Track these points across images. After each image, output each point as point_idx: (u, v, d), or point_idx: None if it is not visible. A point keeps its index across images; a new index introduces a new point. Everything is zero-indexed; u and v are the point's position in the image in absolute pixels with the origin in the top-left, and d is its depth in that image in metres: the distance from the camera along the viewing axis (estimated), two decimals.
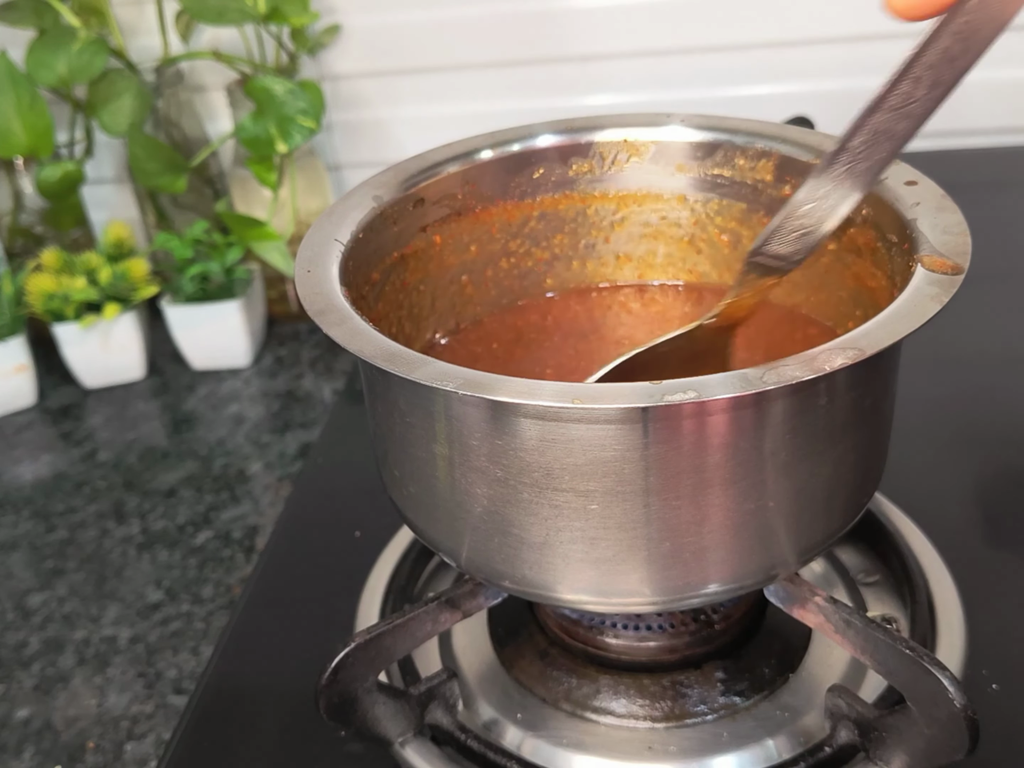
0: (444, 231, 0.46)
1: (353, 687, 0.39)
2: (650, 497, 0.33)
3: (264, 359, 0.84)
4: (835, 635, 0.39)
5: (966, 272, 0.33)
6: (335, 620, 0.50)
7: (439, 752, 0.41)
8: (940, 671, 0.35)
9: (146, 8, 0.87)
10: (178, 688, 0.53)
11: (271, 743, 0.45)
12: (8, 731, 0.52)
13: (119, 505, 0.68)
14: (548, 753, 0.42)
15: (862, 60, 0.83)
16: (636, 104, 0.89)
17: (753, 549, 0.35)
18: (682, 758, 0.41)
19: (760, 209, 0.46)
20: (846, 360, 0.30)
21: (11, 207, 0.85)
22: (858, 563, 0.50)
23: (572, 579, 0.35)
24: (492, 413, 0.32)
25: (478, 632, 0.48)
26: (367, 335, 0.33)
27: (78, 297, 0.77)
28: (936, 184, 0.39)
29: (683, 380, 0.29)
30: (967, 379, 0.64)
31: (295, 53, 0.84)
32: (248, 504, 0.67)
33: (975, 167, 0.86)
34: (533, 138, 0.47)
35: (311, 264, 0.38)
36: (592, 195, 0.49)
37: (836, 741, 0.40)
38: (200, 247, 0.80)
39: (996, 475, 0.56)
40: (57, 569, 0.63)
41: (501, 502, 0.34)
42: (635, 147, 0.47)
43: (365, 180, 0.44)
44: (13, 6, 0.79)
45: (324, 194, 0.87)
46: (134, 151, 0.79)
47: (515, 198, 0.48)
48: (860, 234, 0.41)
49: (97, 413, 0.80)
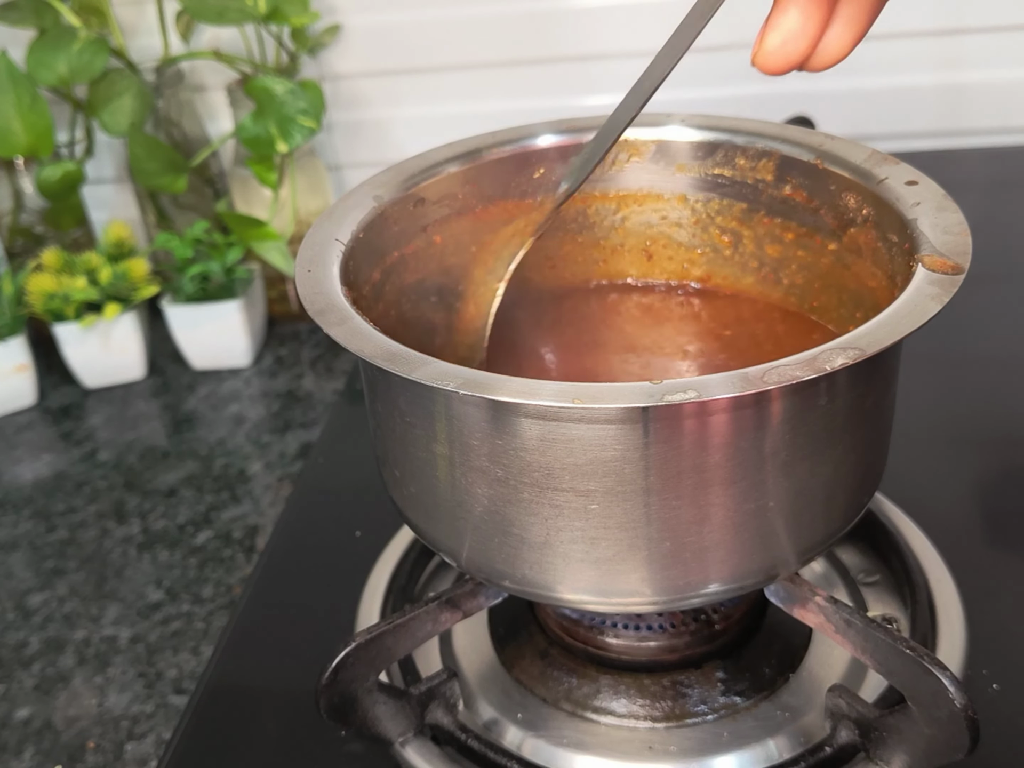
0: (445, 231, 0.46)
1: (353, 687, 0.39)
2: (650, 497, 0.33)
3: (264, 359, 0.85)
4: (835, 635, 0.39)
5: (967, 272, 0.33)
6: (335, 620, 0.50)
7: (439, 752, 0.41)
8: (940, 671, 0.35)
9: (146, 8, 0.87)
10: (178, 688, 0.53)
11: (271, 743, 0.45)
12: (8, 731, 0.52)
13: (119, 505, 0.68)
14: (548, 753, 0.42)
15: (862, 60, 0.83)
16: None
17: (753, 549, 0.35)
18: (682, 758, 0.41)
19: (761, 209, 0.46)
20: (846, 360, 0.30)
21: (11, 207, 0.85)
22: (858, 563, 0.50)
23: (572, 579, 0.35)
24: (492, 413, 0.32)
25: (478, 632, 0.48)
26: (367, 335, 0.33)
27: (78, 297, 0.78)
28: (937, 184, 0.39)
29: (684, 380, 0.29)
30: (967, 379, 0.64)
31: (295, 53, 0.84)
32: (248, 504, 0.67)
33: (975, 167, 0.86)
34: (534, 138, 0.47)
35: (311, 264, 0.38)
36: (592, 195, 0.49)
37: (836, 741, 0.40)
38: (200, 247, 0.80)
39: (996, 475, 0.56)
40: (57, 569, 0.63)
41: (501, 502, 0.34)
42: (635, 147, 0.47)
43: (365, 180, 0.44)
44: (13, 6, 0.79)
45: (324, 194, 0.87)
46: (134, 151, 0.79)
47: (516, 198, 0.48)
48: (861, 234, 0.41)
49: (97, 413, 0.80)
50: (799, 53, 0.31)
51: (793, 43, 0.31)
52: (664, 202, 0.48)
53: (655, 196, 0.48)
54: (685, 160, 0.47)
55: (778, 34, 0.31)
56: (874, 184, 0.40)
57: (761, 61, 0.31)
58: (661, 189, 0.48)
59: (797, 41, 0.31)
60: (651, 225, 0.49)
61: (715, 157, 0.46)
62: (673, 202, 0.48)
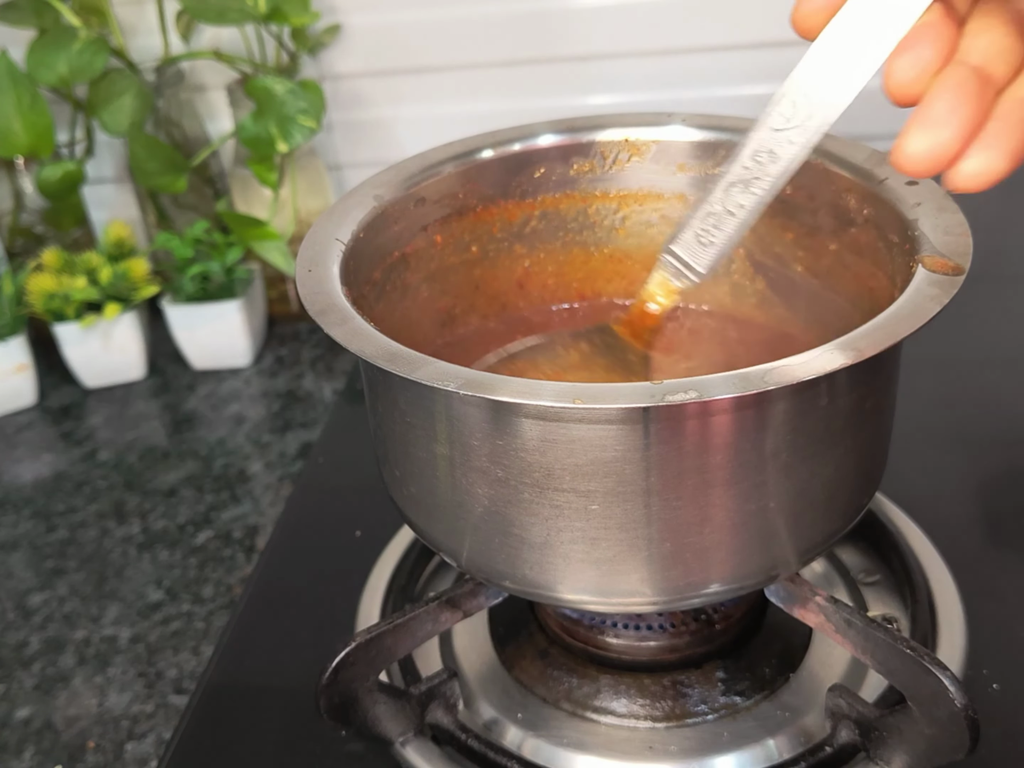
0: (445, 230, 0.46)
1: (353, 687, 0.39)
2: (651, 497, 0.33)
3: (264, 359, 0.84)
4: (836, 635, 0.39)
5: (967, 273, 0.33)
6: (335, 620, 0.50)
7: (439, 752, 0.41)
8: (941, 671, 0.35)
9: (147, 8, 0.87)
10: (178, 688, 0.53)
11: (271, 743, 0.45)
12: (8, 731, 0.52)
13: (119, 505, 0.68)
14: (549, 753, 0.42)
15: None
16: (636, 104, 0.89)
17: (754, 549, 0.35)
18: (683, 758, 0.41)
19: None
20: (847, 360, 0.30)
21: (11, 207, 0.85)
22: (859, 563, 0.50)
23: (573, 579, 0.35)
24: (493, 413, 0.32)
25: (479, 632, 0.48)
26: (368, 335, 0.33)
27: (78, 297, 0.77)
28: (937, 184, 0.39)
29: (684, 380, 0.29)
30: (967, 379, 0.64)
31: (296, 53, 0.84)
32: (248, 504, 0.67)
33: None
34: (534, 137, 0.47)
35: (312, 263, 0.38)
36: (593, 194, 0.49)
37: (837, 741, 0.40)
38: (200, 247, 0.80)
39: (996, 475, 0.56)
40: (57, 569, 0.63)
41: (502, 502, 0.34)
42: (636, 146, 0.47)
43: (366, 179, 0.44)
44: (13, 6, 0.79)
45: (325, 194, 0.87)
46: (134, 151, 0.79)
47: (516, 198, 0.48)
48: (861, 234, 0.41)
49: (97, 413, 0.80)
50: (944, 155, 0.27)
51: (937, 140, 0.27)
52: (664, 201, 0.48)
53: (655, 196, 0.48)
54: (686, 160, 0.47)
55: (921, 133, 0.27)
56: (874, 184, 0.40)
57: (901, 161, 0.28)
58: (662, 189, 0.48)
59: (943, 139, 0.27)
60: (651, 224, 0.49)
61: (716, 157, 0.46)
62: (673, 201, 0.48)
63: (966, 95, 0.27)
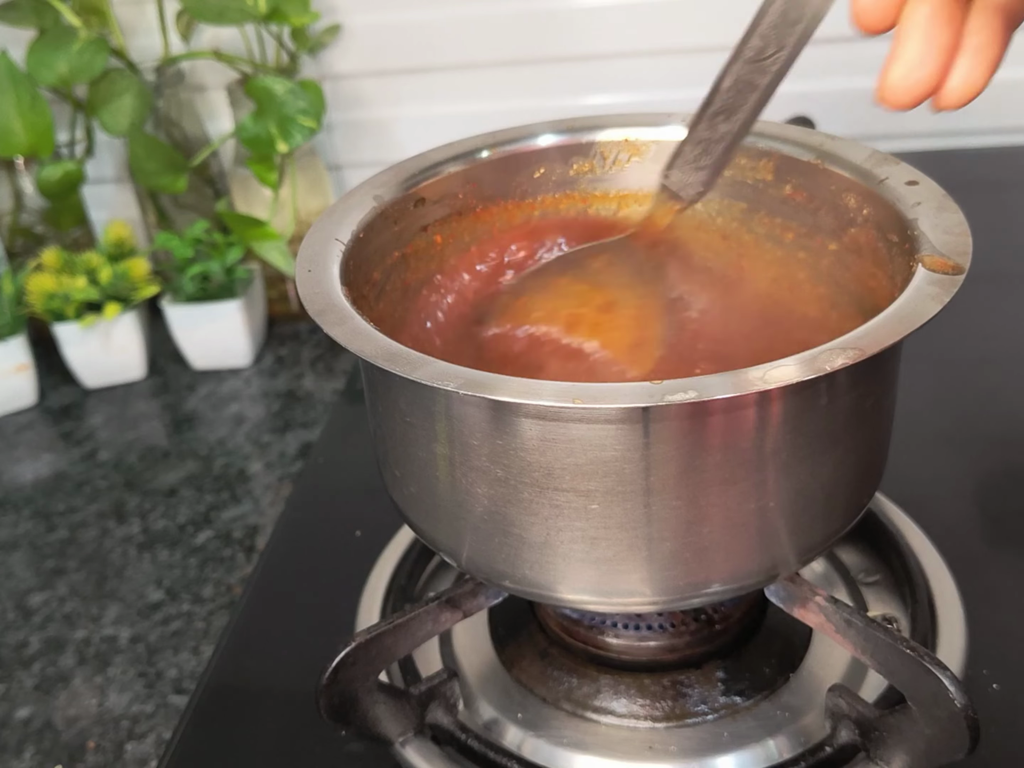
0: (445, 231, 0.46)
1: (353, 687, 0.39)
2: (651, 497, 0.33)
3: (264, 359, 0.85)
4: (836, 635, 0.39)
5: (967, 272, 0.33)
6: (335, 620, 0.50)
7: (439, 752, 0.41)
8: (941, 671, 0.35)
9: (146, 8, 0.87)
10: (178, 688, 0.53)
11: (271, 743, 0.45)
12: (8, 731, 0.52)
13: (119, 505, 0.68)
14: (549, 753, 0.42)
15: (862, 60, 0.83)
16: (636, 104, 0.89)
17: (754, 549, 0.35)
18: (683, 758, 0.41)
19: (761, 209, 0.46)
20: (846, 360, 0.30)
21: (11, 207, 0.85)
22: (859, 563, 0.50)
23: (573, 579, 0.35)
24: (493, 413, 0.32)
25: (479, 632, 0.48)
26: (368, 335, 0.33)
27: (78, 297, 0.78)
28: (937, 184, 0.39)
29: (684, 380, 0.29)
30: (967, 379, 0.64)
31: (296, 53, 0.84)
32: (248, 504, 0.67)
33: (975, 167, 0.86)
34: (534, 138, 0.47)
35: (312, 263, 0.38)
36: (593, 195, 0.49)
37: (836, 741, 0.40)
38: (200, 247, 0.80)
39: (996, 475, 0.56)
40: (58, 569, 0.63)
41: (502, 502, 0.34)
42: (636, 147, 0.47)
43: (366, 180, 0.44)
44: (13, 6, 0.79)
45: (325, 194, 0.87)
46: (134, 151, 0.79)
47: (516, 198, 0.48)
48: (861, 234, 0.41)
49: (97, 413, 0.80)
50: (925, 83, 0.29)
51: (918, 72, 0.29)
52: None
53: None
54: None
55: (901, 65, 0.29)
56: (874, 184, 0.40)
57: (887, 96, 0.29)
58: None
59: (921, 69, 0.29)
60: None
61: None
62: None
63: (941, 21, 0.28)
